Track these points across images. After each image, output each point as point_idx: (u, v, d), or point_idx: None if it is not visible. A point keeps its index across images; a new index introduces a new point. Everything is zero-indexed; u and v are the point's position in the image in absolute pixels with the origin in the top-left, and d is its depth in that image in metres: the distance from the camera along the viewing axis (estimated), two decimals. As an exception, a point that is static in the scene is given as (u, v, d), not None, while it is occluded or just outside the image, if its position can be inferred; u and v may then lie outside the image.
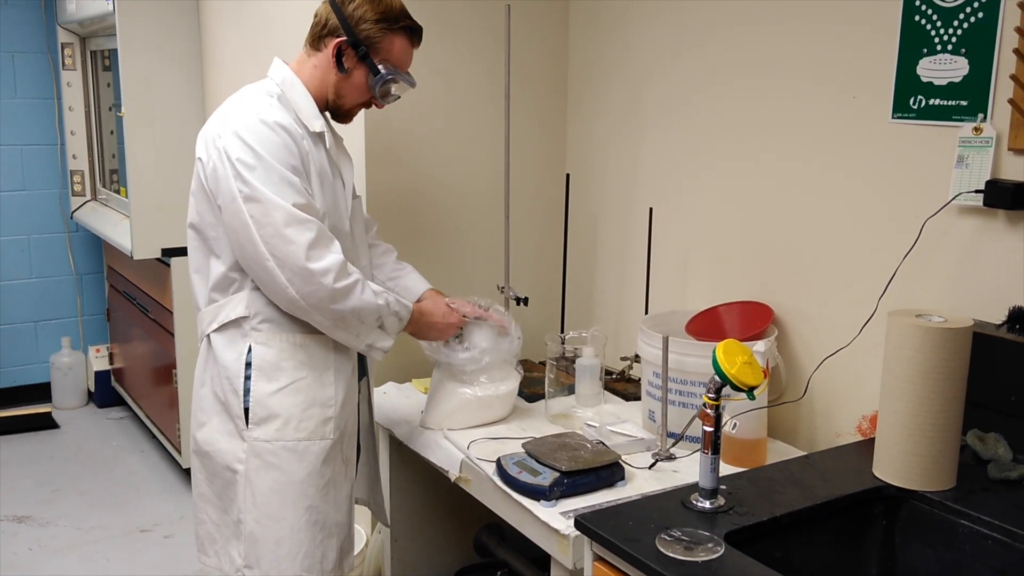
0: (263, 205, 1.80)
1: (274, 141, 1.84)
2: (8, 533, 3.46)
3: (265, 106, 1.88)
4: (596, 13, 2.65)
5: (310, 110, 1.95)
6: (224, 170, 1.83)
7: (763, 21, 2.15)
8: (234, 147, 1.82)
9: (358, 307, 1.88)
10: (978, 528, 1.52)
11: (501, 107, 2.48)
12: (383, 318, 1.93)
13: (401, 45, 1.97)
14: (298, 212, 1.81)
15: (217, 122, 1.89)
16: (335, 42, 1.92)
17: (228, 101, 1.95)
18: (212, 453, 1.97)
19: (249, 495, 1.93)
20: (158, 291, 3.87)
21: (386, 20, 1.93)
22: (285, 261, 1.81)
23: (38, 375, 4.80)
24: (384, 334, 1.96)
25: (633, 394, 2.40)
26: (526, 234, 2.75)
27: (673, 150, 2.44)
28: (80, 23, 4.16)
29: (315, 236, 1.82)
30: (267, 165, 1.82)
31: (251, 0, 3.07)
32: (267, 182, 1.81)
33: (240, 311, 1.92)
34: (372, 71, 1.95)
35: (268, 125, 1.84)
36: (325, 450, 1.96)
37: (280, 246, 1.81)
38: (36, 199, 4.67)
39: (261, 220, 1.81)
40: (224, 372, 1.94)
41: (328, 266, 1.83)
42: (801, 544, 1.57)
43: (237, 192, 1.82)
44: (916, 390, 1.57)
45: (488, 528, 2.54)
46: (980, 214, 1.76)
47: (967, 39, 1.75)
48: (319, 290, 1.83)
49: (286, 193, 1.82)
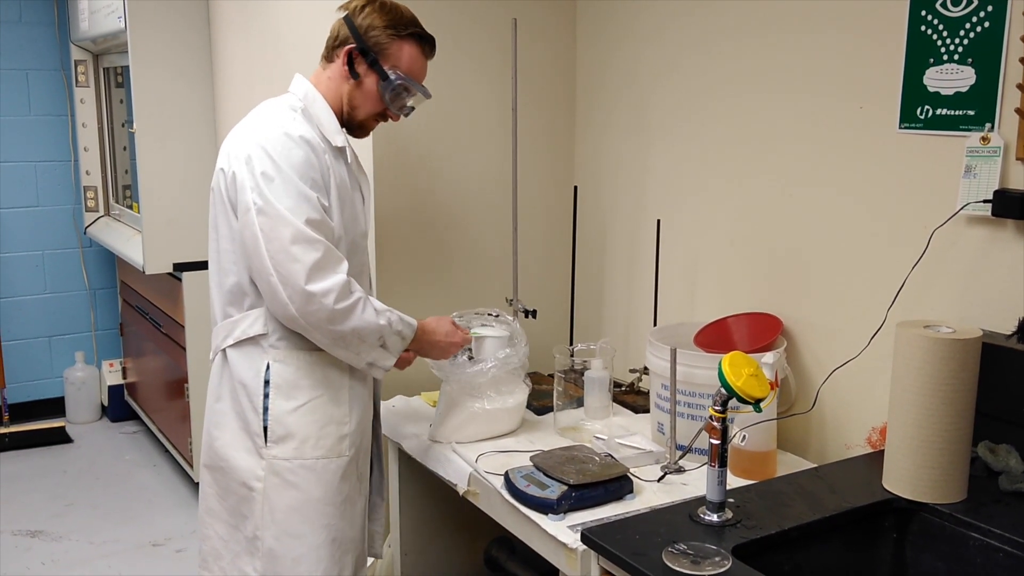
0: (273, 220, 1.81)
1: (296, 154, 1.85)
2: (21, 547, 3.47)
3: (289, 120, 1.90)
4: (603, 25, 2.66)
5: (332, 124, 1.97)
6: (243, 181, 1.85)
7: (769, 33, 2.15)
8: (257, 158, 1.84)
9: (358, 327, 1.87)
10: (989, 541, 1.51)
11: (509, 120, 2.49)
12: (384, 337, 1.93)
13: (411, 53, 1.97)
14: (307, 231, 1.81)
15: (241, 134, 1.91)
16: (346, 49, 1.94)
17: (252, 114, 1.97)
18: (228, 468, 1.97)
19: (267, 512, 1.93)
20: (170, 306, 3.89)
21: (394, 27, 1.95)
22: (288, 279, 1.81)
23: (52, 390, 4.82)
24: (386, 353, 1.95)
25: (642, 406, 2.39)
26: (534, 247, 2.75)
27: (681, 162, 2.44)
28: (93, 40, 4.20)
29: (320, 256, 1.82)
30: (286, 178, 1.83)
31: (262, 16, 3.09)
32: (283, 195, 1.82)
33: (258, 328, 1.93)
34: (382, 77, 1.96)
35: (292, 139, 1.86)
36: (342, 467, 1.96)
37: (284, 263, 1.81)
38: (50, 215, 4.70)
39: (270, 234, 1.81)
40: (243, 389, 1.94)
41: (329, 287, 1.82)
42: (810, 557, 1.56)
43: (252, 203, 1.83)
44: (925, 402, 1.56)
45: (498, 542, 2.53)
46: (988, 224, 1.75)
47: (974, 49, 1.74)
48: (319, 310, 1.82)
49: (301, 208, 1.82)
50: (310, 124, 1.93)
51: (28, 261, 4.69)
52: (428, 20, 2.06)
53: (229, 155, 1.90)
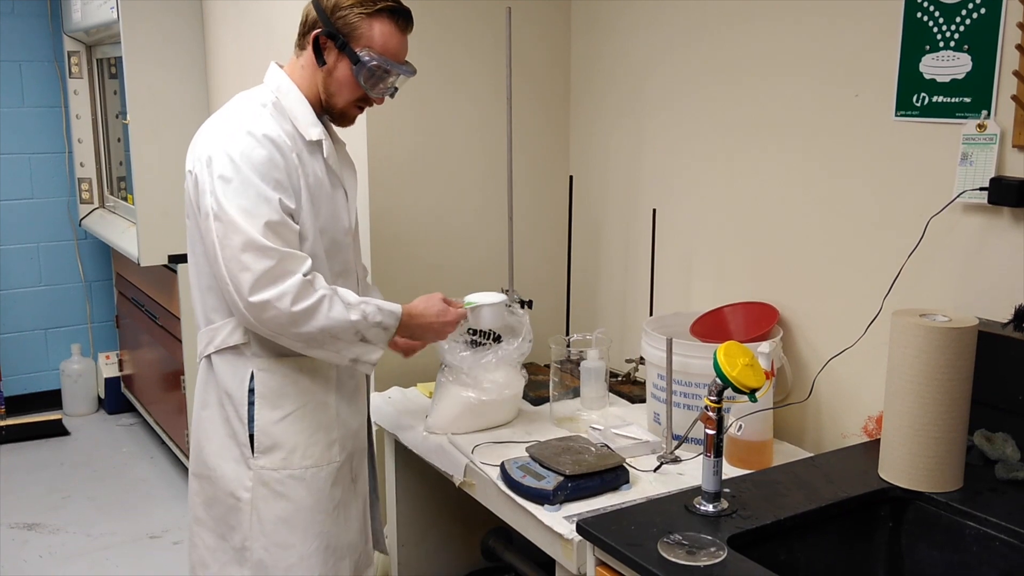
0: (226, 226, 1.73)
1: (258, 154, 1.76)
2: (18, 540, 3.47)
3: (254, 117, 1.81)
4: (598, 14, 2.64)
5: (307, 117, 1.87)
6: (204, 184, 1.77)
7: (764, 20, 2.13)
8: (217, 160, 1.76)
9: (327, 326, 1.76)
10: (985, 529, 1.50)
11: (503, 110, 2.48)
12: (362, 331, 1.82)
13: (384, 30, 1.83)
14: (258, 238, 1.72)
15: (206, 133, 1.84)
16: (313, 35, 1.84)
17: (219, 111, 1.89)
18: (215, 478, 1.92)
19: (256, 523, 1.89)
20: (165, 298, 3.88)
21: (363, 4, 1.82)
22: (239, 288, 1.73)
23: (48, 382, 4.81)
24: (370, 346, 1.85)
25: (639, 396, 2.39)
26: (530, 237, 2.74)
27: (676, 151, 2.43)
28: (86, 31, 4.18)
29: (273, 264, 1.72)
30: (244, 179, 1.74)
31: (254, 7, 3.08)
32: (240, 197, 1.73)
33: (237, 338, 1.86)
34: (353, 60, 1.83)
35: (254, 137, 1.77)
36: (332, 473, 1.92)
37: (236, 271, 1.73)
38: (44, 207, 4.69)
39: (223, 241, 1.74)
40: (228, 398, 1.89)
41: (282, 291, 1.72)
42: (806, 547, 1.56)
43: (210, 208, 1.75)
44: (921, 390, 1.56)
45: (495, 532, 2.53)
46: (985, 212, 1.74)
47: (969, 35, 1.73)
48: (277, 316, 1.73)
49: (259, 210, 1.73)
50: (281, 119, 1.84)
51: (23, 254, 4.68)
52: (421, 8, 2.04)
53: (196, 156, 1.82)
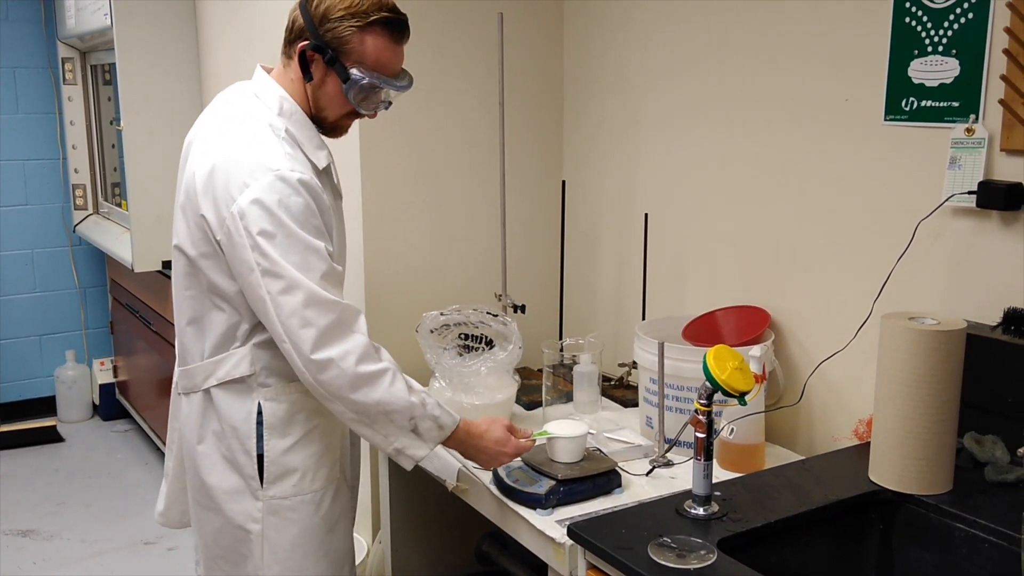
0: (283, 281, 1.61)
1: (295, 203, 1.63)
2: (13, 547, 3.47)
3: (279, 156, 1.66)
4: (590, 19, 2.65)
5: (312, 141, 1.75)
6: (240, 239, 1.62)
7: (755, 27, 2.14)
8: (252, 213, 1.61)
9: (385, 400, 1.65)
10: (975, 531, 1.51)
11: (496, 114, 2.49)
12: (416, 420, 1.69)
13: (377, 44, 1.68)
14: (321, 293, 1.62)
15: (224, 167, 1.65)
16: (299, 48, 1.69)
17: (228, 130, 1.73)
18: (220, 510, 1.84)
19: (269, 552, 1.82)
20: (160, 303, 3.88)
21: (355, 16, 1.66)
22: (299, 346, 1.62)
23: (43, 389, 4.81)
24: (418, 440, 1.71)
25: (631, 400, 2.39)
26: (523, 242, 2.75)
27: (668, 156, 2.44)
28: (80, 38, 4.19)
29: (335, 318, 1.63)
30: (289, 232, 1.61)
31: (248, 12, 3.08)
32: (289, 252, 1.61)
33: (244, 369, 1.76)
34: (343, 77, 1.69)
35: (288, 183, 1.63)
36: (334, 490, 1.88)
37: (295, 328, 1.62)
38: (39, 213, 4.69)
39: (279, 299, 1.62)
40: (232, 432, 1.79)
41: (345, 350, 1.63)
42: (797, 550, 1.57)
43: (255, 264, 1.62)
44: (910, 393, 1.57)
45: (489, 536, 2.53)
46: (973, 215, 1.75)
47: (958, 40, 1.74)
48: (339, 376, 1.63)
49: (311, 263, 1.63)
50: (296, 148, 1.70)
51: (18, 260, 4.68)
52: (414, 15, 2.04)
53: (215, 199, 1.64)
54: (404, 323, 2.50)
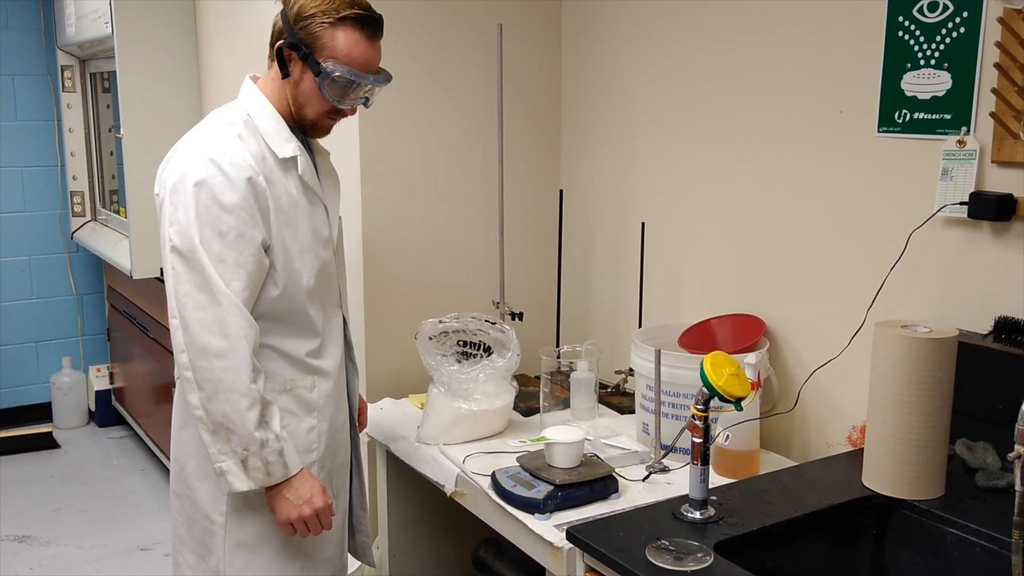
0: (186, 259, 1.70)
1: (219, 183, 1.71)
2: (9, 553, 3.47)
3: (220, 142, 1.76)
4: (588, 29, 2.69)
5: (280, 134, 1.82)
6: (164, 212, 1.75)
7: (751, 39, 2.18)
8: (180, 190, 1.72)
9: (231, 414, 1.69)
10: (966, 536, 1.54)
11: (495, 124, 2.51)
12: (249, 454, 1.72)
13: (347, 39, 1.76)
14: (217, 281, 1.70)
15: (173, 158, 1.80)
16: (276, 45, 1.80)
17: (190, 132, 1.85)
18: (194, 498, 1.89)
19: (232, 547, 1.86)
20: (157, 310, 3.89)
21: (326, 12, 1.75)
22: (188, 326, 1.70)
23: (39, 395, 4.81)
24: (240, 474, 1.73)
25: (628, 407, 2.41)
26: (520, 250, 2.77)
27: (664, 166, 2.47)
28: (79, 45, 4.20)
29: (225, 311, 1.70)
30: (207, 211, 1.71)
31: (248, 21, 3.11)
32: (200, 230, 1.70)
33: None
34: (315, 71, 1.77)
35: (217, 165, 1.72)
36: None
37: (190, 308, 1.70)
38: (37, 220, 4.70)
39: (181, 275, 1.71)
40: None
41: (230, 349, 1.69)
42: (792, 553, 1.59)
43: (167, 239, 1.73)
44: (903, 400, 1.59)
45: (486, 543, 2.55)
46: (965, 226, 1.78)
47: (950, 54, 1.78)
48: (208, 368, 1.69)
49: (226, 252, 1.71)
50: (252, 138, 1.79)
51: (15, 266, 4.69)
52: (414, 23, 2.06)
53: (160, 180, 1.79)
54: (403, 330, 2.52)
